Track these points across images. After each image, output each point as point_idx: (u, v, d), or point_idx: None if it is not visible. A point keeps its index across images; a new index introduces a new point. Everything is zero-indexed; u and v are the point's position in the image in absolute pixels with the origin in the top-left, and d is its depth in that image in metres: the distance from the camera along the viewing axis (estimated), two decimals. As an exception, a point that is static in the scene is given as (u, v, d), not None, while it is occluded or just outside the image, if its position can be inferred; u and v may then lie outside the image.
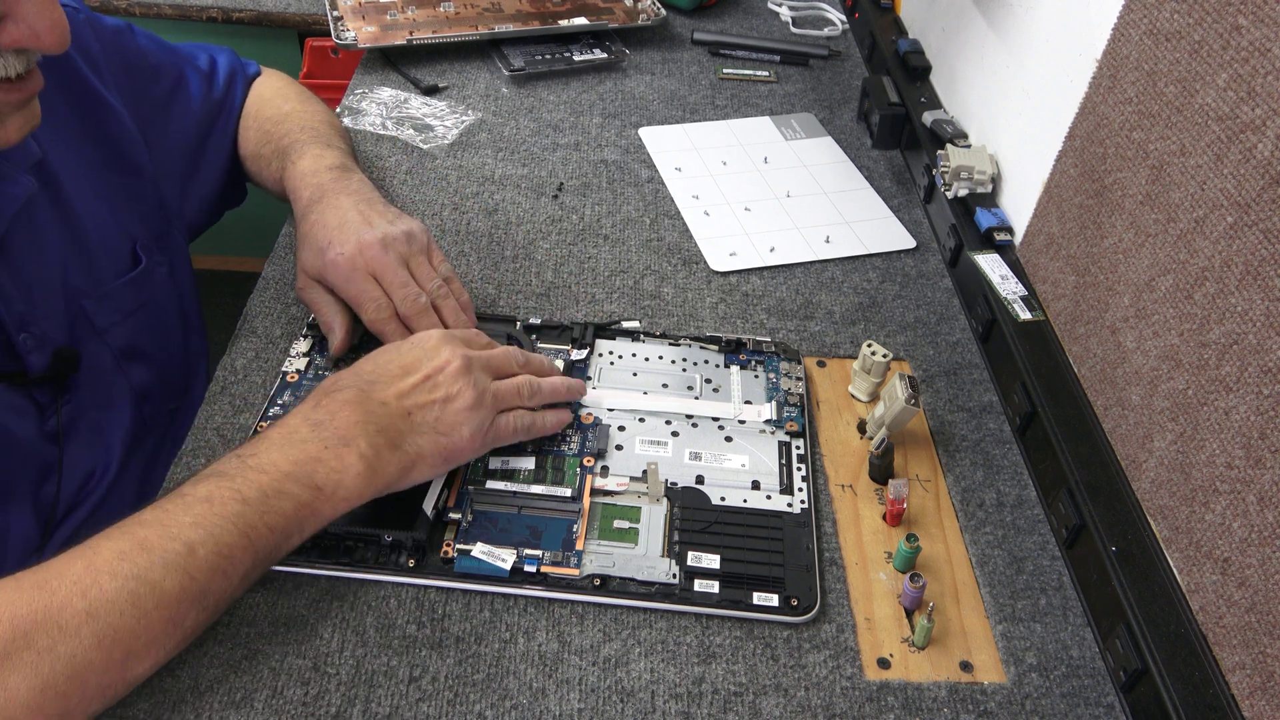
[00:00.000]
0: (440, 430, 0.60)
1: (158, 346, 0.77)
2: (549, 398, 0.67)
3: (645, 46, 1.18)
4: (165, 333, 0.79)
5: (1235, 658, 0.50)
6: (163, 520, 0.51)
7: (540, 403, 0.67)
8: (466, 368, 0.62)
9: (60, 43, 0.55)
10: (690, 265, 0.86)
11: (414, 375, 0.61)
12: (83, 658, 0.47)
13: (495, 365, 0.65)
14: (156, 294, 0.77)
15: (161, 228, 0.79)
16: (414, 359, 0.62)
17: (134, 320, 0.74)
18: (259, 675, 0.55)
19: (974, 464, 0.70)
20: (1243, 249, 0.50)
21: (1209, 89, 0.53)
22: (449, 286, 0.72)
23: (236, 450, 0.57)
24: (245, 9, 1.39)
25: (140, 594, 0.49)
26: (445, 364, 0.61)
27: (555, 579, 0.60)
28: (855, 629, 0.59)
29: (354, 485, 0.56)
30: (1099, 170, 0.65)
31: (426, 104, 1.03)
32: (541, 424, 0.66)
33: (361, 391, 0.59)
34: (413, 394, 0.60)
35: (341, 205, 0.72)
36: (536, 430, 0.66)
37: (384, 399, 0.60)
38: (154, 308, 0.77)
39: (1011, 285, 0.75)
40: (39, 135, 0.66)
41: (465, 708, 0.54)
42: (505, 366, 0.66)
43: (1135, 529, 0.58)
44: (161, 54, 0.82)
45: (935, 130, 0.91)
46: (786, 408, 0.71)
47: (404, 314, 0.69)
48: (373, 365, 0.62)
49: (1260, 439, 0.48)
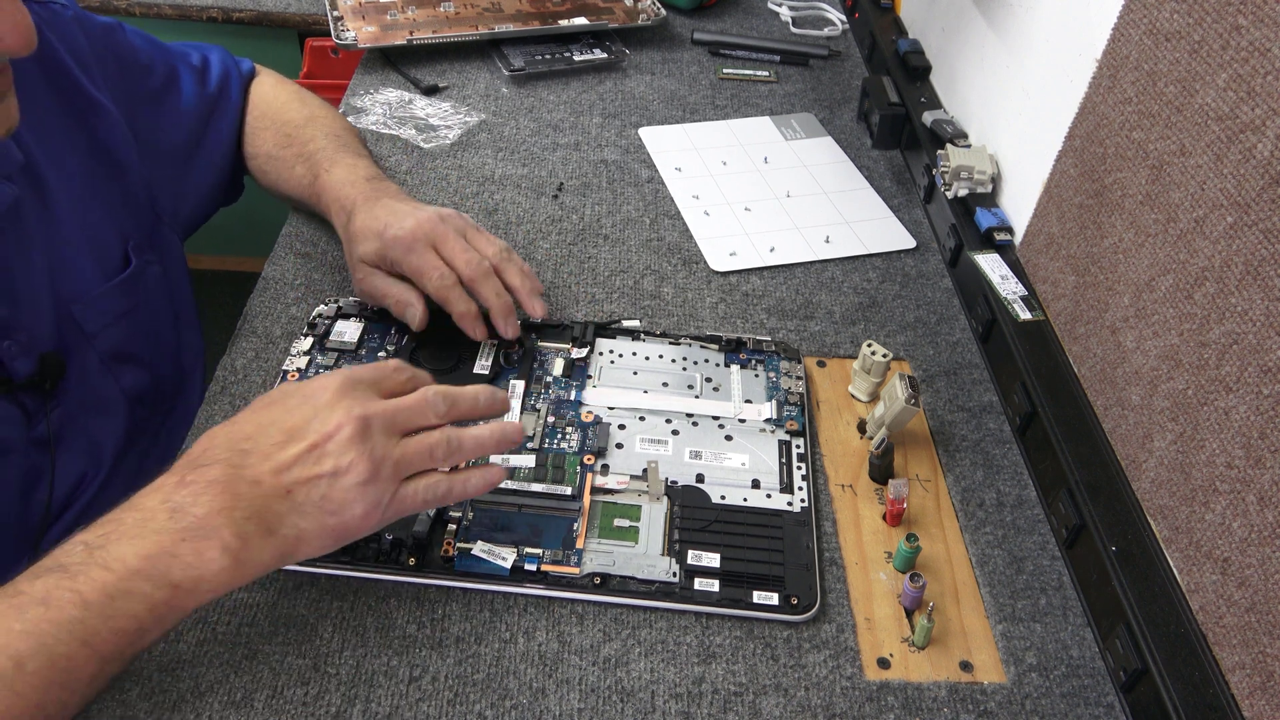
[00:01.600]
0: (327, 509, 0.51)
1: (150, 348, 0.77)
2: (473, 453, 0.56)
3: (645, 46, 1.18)
4: (158, 334, 0.78)
5: (1235, 658, 0.50)
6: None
7: (462, 460, 0.57)
8: (362, 433, 0.52)
9: (25, 44, 0.52)
10: (690, 265, 0.86)
11: (298, 444, 0.51)
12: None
13: (404, 420, 0.54)
14: (148, 295, 0.76)
15: (152, 226, 0.79)
16: (301, 419, 0.52)
17: (125, 323, 0.74)
18: (259, 675, 0.55)
19: (974, 464, 0.70)
20: (1243, 249, 0.50)
21: (1209, 89, 0.53)
22: (508, 255, 0.73)
23: (84, 534, 0.49)
24: (245, 9, 1.39)
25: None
26: (336, 429, 0.52)
27: (555, 577, 0.60)
28: (855, 629, 0.59)
29: (217, 580, 0.49)
30: (1099, 170, 0.65)
31: (429, 104, 1.03)
32: (461, 489, 0.56)
33: (232, 469, 0.51)
34: (294, 468, 0.51)
35: (387, 203, 0.73)
36: (455, 497, 0.56)
37: (257, 477, 0.51)
38: (146, 309, 0.76)
39: (1011, 285, 0.75)
40: (25, 139, 0.65)
41: (465, 707, 0.54)
42: (417, 419, 0.55)
43: (1135, 529, 0.58)
44: (153, 51, 0.82)
45: (935, 130, 0.91)
46: (786, 407, 0.72)
47: (468, 278, 0.70)
48: (254, 425, 0.53)
49: (1260, 439, 0.48)
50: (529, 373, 0.73)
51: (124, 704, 0.53)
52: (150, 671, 0.54)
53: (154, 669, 0.54)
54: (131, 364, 0.74)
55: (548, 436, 0.68)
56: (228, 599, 0.58)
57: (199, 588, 0.48)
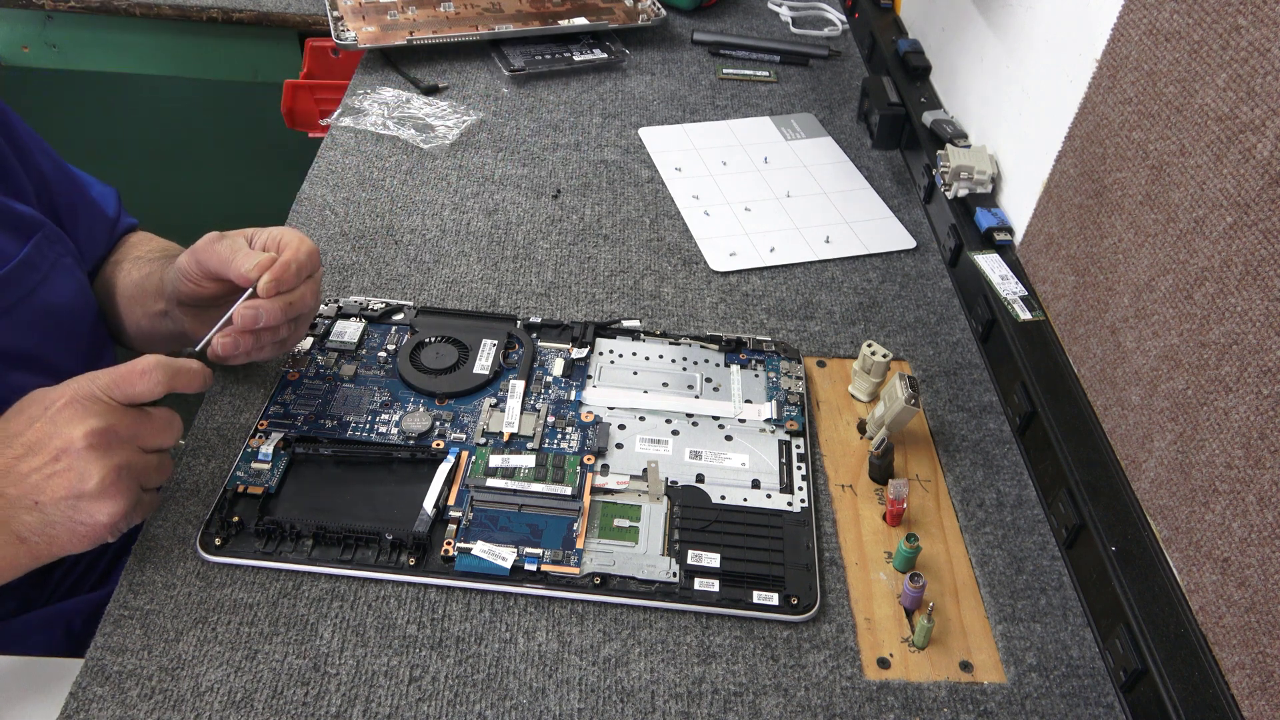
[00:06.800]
0: (76, 519, 0.54)
1: (54, 352, 0.70)
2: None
3: (645, 46, 1.18)
4: (65, 337, 0.71)
5: (1235, 658, 0.50)
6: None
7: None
8: (100, 445, 0.53)
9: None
10: (690, 265, 0.86)
11: (38, 456, 0.53)
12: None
13: (144, 437, 0.56)
14: (48, 290, 0.70)
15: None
16: (41, 433, 0.53)
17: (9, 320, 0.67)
18: (259, 675, 0.55)
19: (974, 464, 0.70)
20: (1242, 249, 0.50)
21: (1209, 89, 0.53)
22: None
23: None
24: (245, 9, 1.39)
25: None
26: (71, 441, 0.53)
27: (555, 577, 0.60)
28: (855, 629, 0.59)
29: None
30: (1099, 170, 0.65)
31: (428, 104, 1.03)
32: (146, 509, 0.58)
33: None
34: (36, 478, 0.53)
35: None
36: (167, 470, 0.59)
37: (2, 489, 0.53)
38: (42, 306, 0.69)
39: (1011, 285, 0.75)
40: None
41: (465, 708, 0.54)
42: (152, 437, 0.57)
43: (1135, 529, 0.58)
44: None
45: (935, 130, 0.91)
46: (786, 407, 0.72)
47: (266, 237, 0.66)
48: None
49: (1260, 439, 0.48)
50: (529, 373, 0.73)
51: (124, 704, 0.53)
52: (150, 671, 0.54)
53: (154, 669, 0.54)
54: (24, 369, 0.68)
55: (548, 436, 0.68)
56: (228, 599, 0.58)
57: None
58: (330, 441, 0.66)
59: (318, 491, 0.64)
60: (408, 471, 0.65)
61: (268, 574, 0.59)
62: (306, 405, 0.69)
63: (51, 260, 0.71)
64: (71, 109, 1.48)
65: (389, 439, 0.67)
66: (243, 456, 0.65)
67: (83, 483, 0.53)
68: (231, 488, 0.63)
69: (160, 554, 0.60)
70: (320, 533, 0.60)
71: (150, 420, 0.56)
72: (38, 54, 1.39)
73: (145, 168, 1.58)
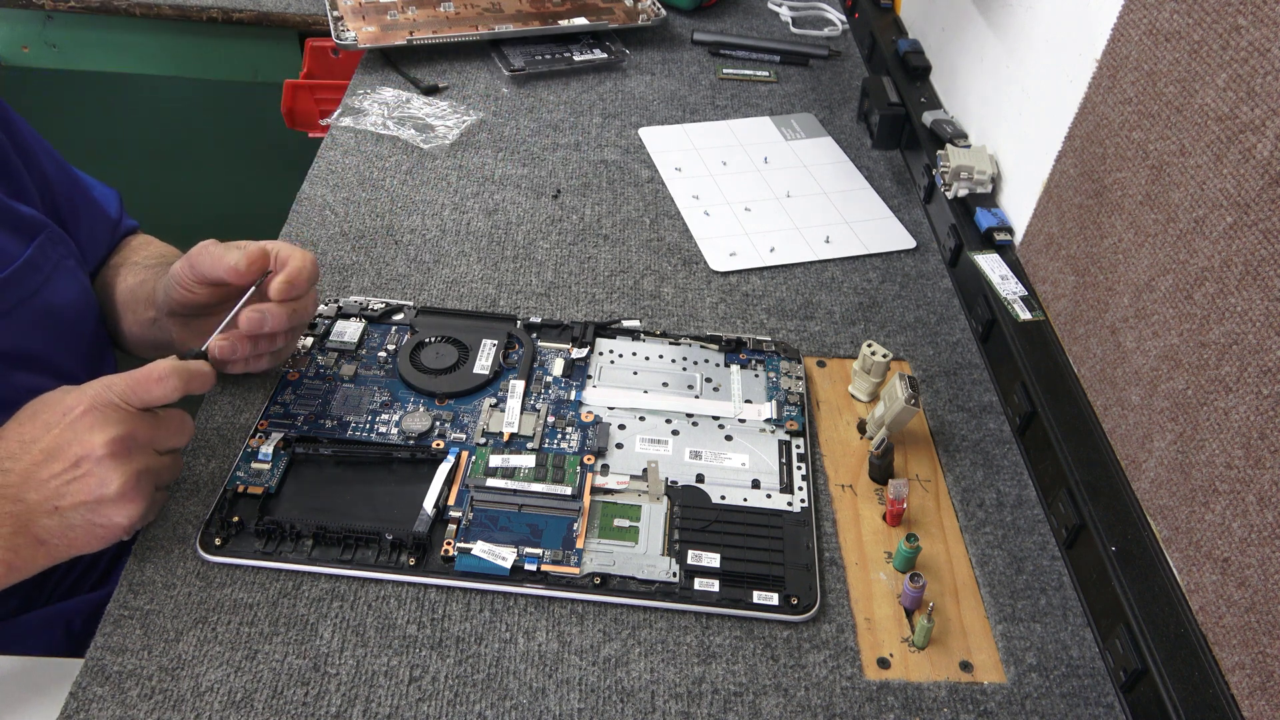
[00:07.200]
0: (95, 521, 0.55)
1: (57, 353, 0.70)
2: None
3: (645, 46, 1.18)
4: (67, 338, 0.71)
5: (1235, 658, 0.50)
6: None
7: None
8: (120, 452, 0.54)
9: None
10: (690, 265, 0.86)
11: (58, 462, 0.54)
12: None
13: (160, 441, 0.58)
14: (51, 292, 0.70)
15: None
16: (60, 439, 0.54)
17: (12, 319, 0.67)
18: (259, 675, 0.55)
19: (974, 464, 0.70)
20: (1242, 249, 0.50)
21: (1209, 89, 0.53)
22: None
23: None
24: (245, 9, 1.39)
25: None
26: (92, 448, 0.54)
27: (555, 577, 0.60)
28: (855, 629, 0.59)
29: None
30: (1099, 170, 0.65)
31: (428, 104, 1.03)
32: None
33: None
34: (57, 486, 0.54)
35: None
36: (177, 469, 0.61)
37: (21, 496, 0.54)
38: (44, 307, 0.69)
39: (1011, 285, 0.75)
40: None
41: (465, 708, 0.54)
42: (168, 439, 0.59)
43: (1135, 529, 0.58)
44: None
45: (935, 130, 0.91)
46: (786, 407, 0.72)
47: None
48: (17, 443, 0.55)
49: (1260, 439, 0.48)
50: (529, 373, 0.73)
51: (124, 704, 0.53)
52: (150, 671, 0.54)
53: (154, 669, 0.54)
54: (26, 369, 0.68)
55: (548, 436, 0.68)
56: (228, 599, 0.58)
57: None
58: (330, 441, 0.66)
59: (318, 491, 0.64)
60: (408, 471, 0.65)
61: (268, 574, 0.59)
62: (306, 405, 0.69)
63: (54, 261, 0.71)
64: (71, 109, 1.48)
65: (389, 439, 0.67)
66: (243, 456, 0.65)
67: (103, 489, 0.54)
68: (231, 488, 0.63)
69: (160, 554, 0.60)
70: (320, 533, 0.60)
71: (164, 423, 0.58)
72: (38, 54, 1.39)
73: (145, 168, 1.58)
